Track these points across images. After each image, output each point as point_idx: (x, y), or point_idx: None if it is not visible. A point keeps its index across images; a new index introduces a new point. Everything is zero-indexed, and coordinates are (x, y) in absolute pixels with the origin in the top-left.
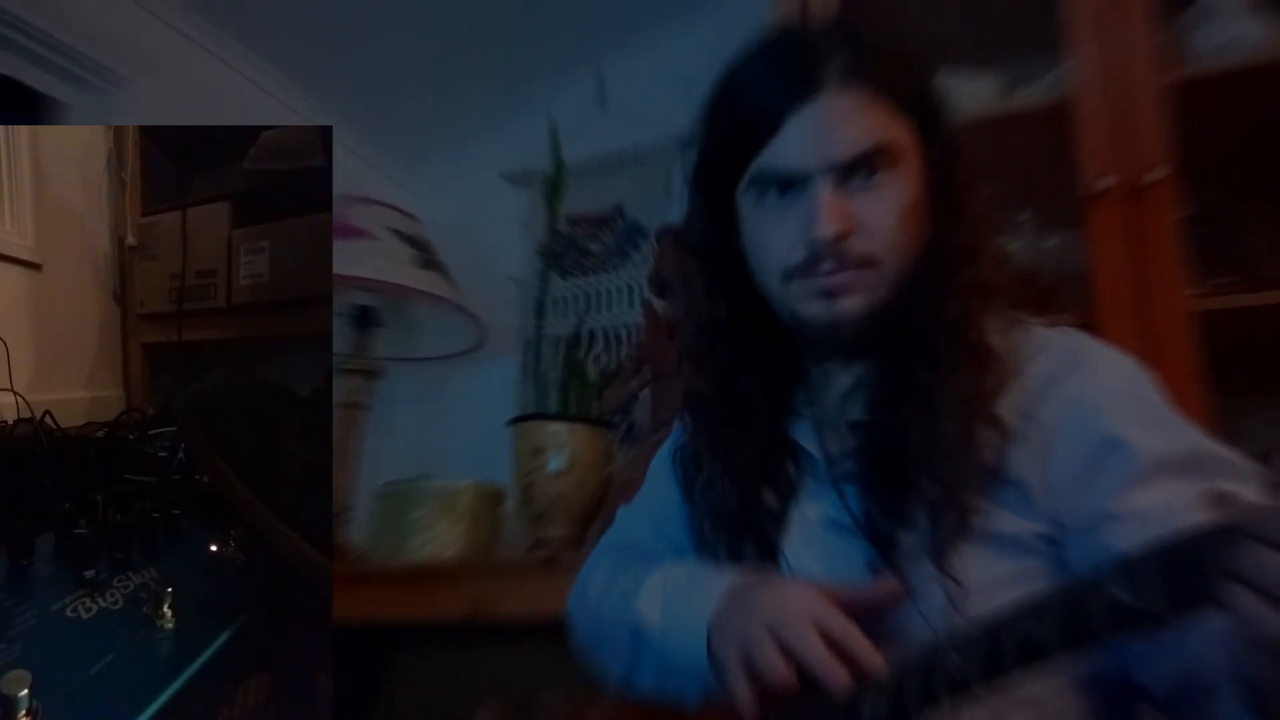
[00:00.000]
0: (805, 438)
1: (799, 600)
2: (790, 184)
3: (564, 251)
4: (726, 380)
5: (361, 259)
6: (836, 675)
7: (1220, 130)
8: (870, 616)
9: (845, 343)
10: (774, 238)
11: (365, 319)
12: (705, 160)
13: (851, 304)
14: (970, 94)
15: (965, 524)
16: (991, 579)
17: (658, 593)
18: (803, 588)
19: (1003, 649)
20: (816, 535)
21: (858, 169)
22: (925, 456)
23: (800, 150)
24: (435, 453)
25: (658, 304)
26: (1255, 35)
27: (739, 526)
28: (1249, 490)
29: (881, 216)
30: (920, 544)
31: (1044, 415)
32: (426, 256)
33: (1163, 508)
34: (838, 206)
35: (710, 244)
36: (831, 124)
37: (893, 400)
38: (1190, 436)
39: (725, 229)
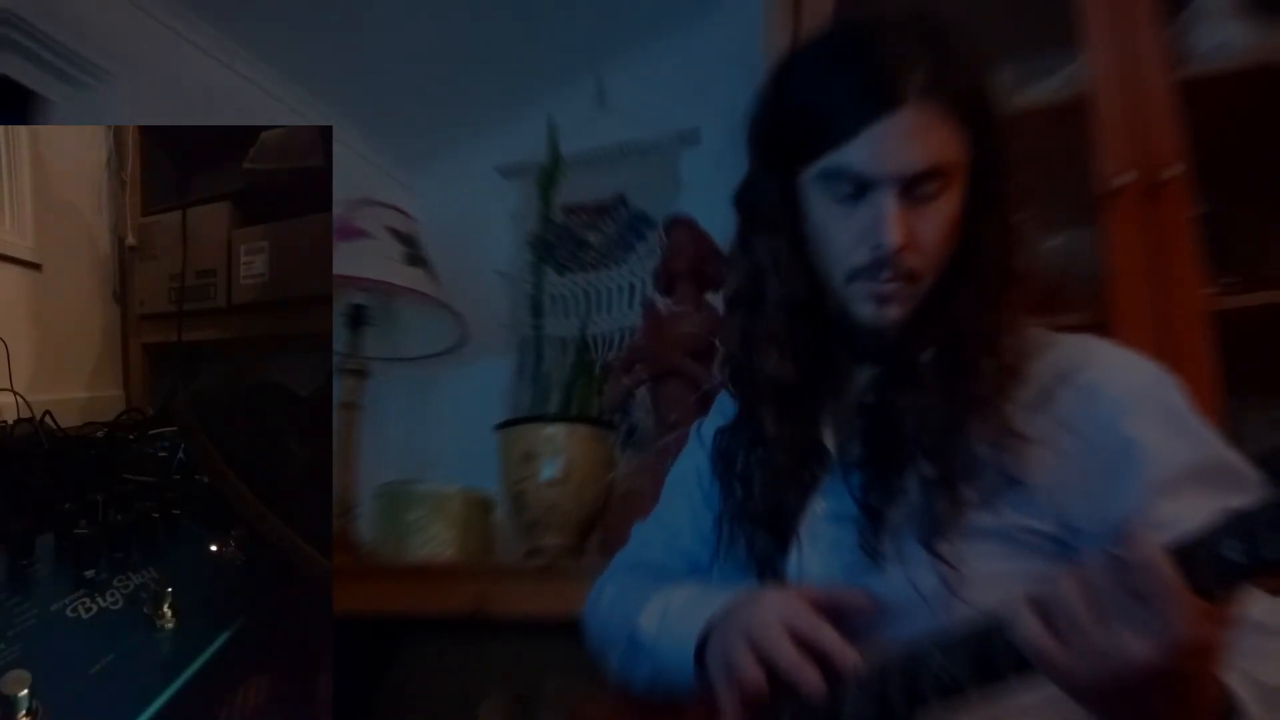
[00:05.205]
0: (822, 433)
1: (771, 604)
2: (860, 185)
3: (558, 243)
4: (803, 364)
5: (360, 258)
6: (805, 673)
7: (1213, 132)
8: (851, 615)
9: (886, 347)
10: (841, 233)
11: (358, 318)
12: (774, 139)
13: (894, 313)
14: None
15: (957, 507)
16: (994, 574)
17: (659, 609)
18: (779, 593)
19: (994, 653)
20: (820, 529)
21: (920, 183)
22: (923, 437)
23: (874, 158)
24: (423, 456)
25: (661, 302)
26: (1244, 39)
27: (765, 519)
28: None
29: (932, 233)
30: (910, 525)
31: (1052, 412)
32: (413, 253)
33: (1181, 521)
34: (902, 218)
35: (787, 218)
36: (905, 139)
37: (900, 388)
38: (1211, 444)
39: (792, 206)
